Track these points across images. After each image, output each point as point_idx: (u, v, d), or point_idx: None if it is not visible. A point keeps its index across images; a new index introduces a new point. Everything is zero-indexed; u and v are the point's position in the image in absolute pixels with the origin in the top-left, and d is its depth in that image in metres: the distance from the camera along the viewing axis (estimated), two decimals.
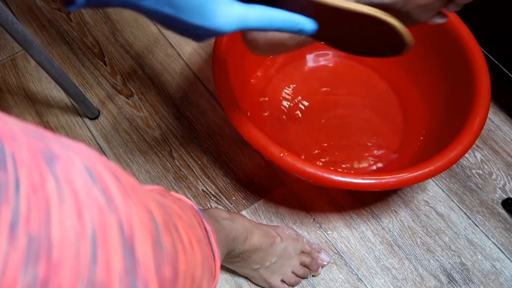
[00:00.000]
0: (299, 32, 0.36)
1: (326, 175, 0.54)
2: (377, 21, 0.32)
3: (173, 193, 0.44)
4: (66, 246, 0.18)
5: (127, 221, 0.22)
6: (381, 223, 0.70)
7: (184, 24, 0.32)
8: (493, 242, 0.69)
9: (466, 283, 0.66)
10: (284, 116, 0.76)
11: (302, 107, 0.77)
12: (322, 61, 0.82)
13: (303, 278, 0.65)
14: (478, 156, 0.76)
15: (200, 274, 0.32)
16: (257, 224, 0.61)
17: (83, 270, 0.18)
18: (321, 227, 0.70)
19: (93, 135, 0.77)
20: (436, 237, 0.69)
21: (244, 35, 0.44)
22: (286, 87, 0.79)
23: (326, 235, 0.69)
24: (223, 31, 0.33)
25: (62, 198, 0.19)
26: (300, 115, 0.76)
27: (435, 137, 0.68)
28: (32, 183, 0.18)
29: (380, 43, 0.35)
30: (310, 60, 0.82)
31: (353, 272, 0.66)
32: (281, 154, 0.55)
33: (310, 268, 0.64)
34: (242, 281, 0.65)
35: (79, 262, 0.18)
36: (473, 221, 0.71)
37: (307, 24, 0.36)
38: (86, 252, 0.19)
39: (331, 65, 0.82)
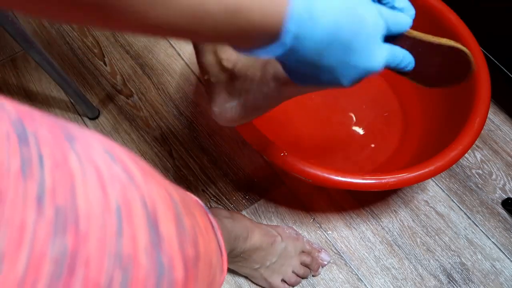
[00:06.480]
0: (405, 68, 0.35)
1: (326, 175, 0.54)
2: (458, 52, 0.36)
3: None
4: (92, 218, 0.18)
5: (150, 198, 0.22)
6: (381, 223, 0.70)
7: (348, 68, 0.30)
8: (493, 242, 0.69)
9: (466, 283, 0.66)
10: (283, 117, 0.76)
11: (302, 108, 0.77)
12: None
13: (303, 278, 0.65)
14: (478, 156, 0.76)
15: (215, 262, 0.32)
16: (257, 224, 0.61)
17: (110, 243, 0.18)
18: (321, 227, 0.70)
19: None
20: (436, 237, 0.69)
21: (217, 113, 0.41)
22: None
23: (326, 235, 0.69)
24: (376, 70, 0.32)
25: (85, 173, 0.19)
26: (300, 115, 0.76)
27: (435, 137, 0.68)
28: (55, 158, 0.18)
29: (451, 72, 0.38)
30: None
31: (353, 272, 0.66)
32: (281, 154, 0.55)
33: (310, 268, 0.64)
34: (242, 281, 0.65)
35: (105, 235, 0.18)
36: (473, 221, 0.71)
37: (412, 60, 0.35)
38: (112, 225, 0.19)
39: None
